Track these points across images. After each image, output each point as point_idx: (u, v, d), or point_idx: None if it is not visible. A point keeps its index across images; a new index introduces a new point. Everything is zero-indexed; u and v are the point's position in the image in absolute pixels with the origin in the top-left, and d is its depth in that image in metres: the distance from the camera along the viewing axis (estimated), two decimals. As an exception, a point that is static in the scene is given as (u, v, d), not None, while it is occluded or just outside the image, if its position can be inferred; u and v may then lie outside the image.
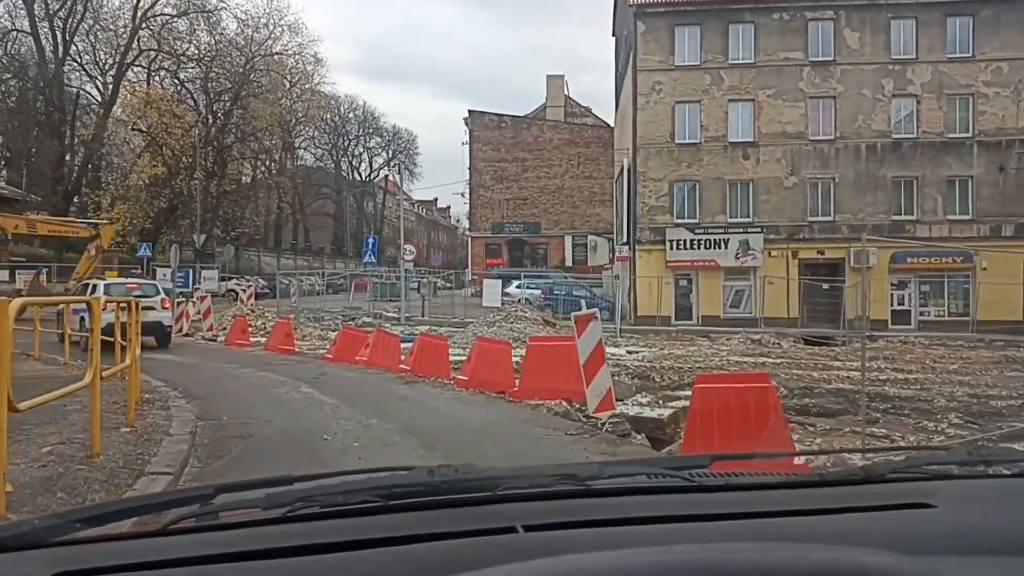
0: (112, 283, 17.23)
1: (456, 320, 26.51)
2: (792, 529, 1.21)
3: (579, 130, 47.26)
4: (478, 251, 47.20)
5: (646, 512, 1.23)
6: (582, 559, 0.93)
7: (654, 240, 27.82)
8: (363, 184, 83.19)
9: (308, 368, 13.29)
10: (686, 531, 1.18)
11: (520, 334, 21.27)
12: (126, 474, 5.19)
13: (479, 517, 1.20)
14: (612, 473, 1.40)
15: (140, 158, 44.33)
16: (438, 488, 1.27)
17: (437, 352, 13.03)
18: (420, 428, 7.59)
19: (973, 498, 1.34)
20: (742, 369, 16.74)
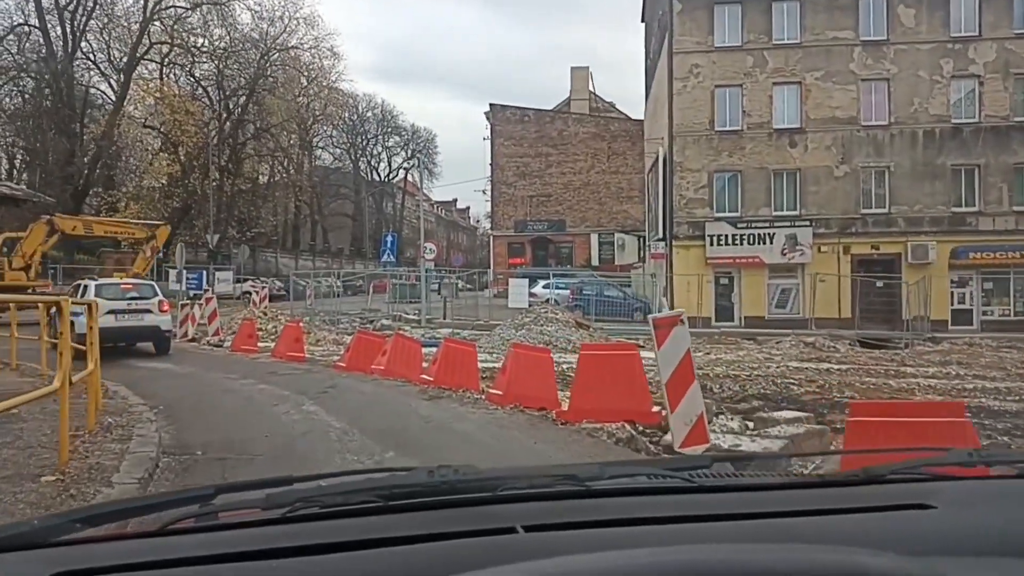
0: (105, 283, 15.63)
1: (480, 322, 24.72)
2: (792, 530, 1.20)
3: (605, 123, 45.31)
4: (500, 250, 45.43)
5: (646, 513, 1.23)
6: (582, 560, 0.93)
7: (692, 235, 25.85)
8: (382, 184, 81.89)
9: (317, 379, 11.55)
10: (686, 532, 1.17)
11: (551, 337, 19.45)
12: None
13: (479, 517, 1.19)
14: (612, 474, 1.40)
15: (156, 157, 43.11)
16: (438, 489, 1.27)
17: (464, 360, 11.24)
18: (450, 466, 5.78)
19: (973, 499, 1.34)
20: (806, 376, 14.81)
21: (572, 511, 1.23)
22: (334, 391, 10.12)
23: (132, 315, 14.95)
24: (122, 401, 8.71)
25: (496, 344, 19.00)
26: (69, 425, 6.18)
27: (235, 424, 7.69)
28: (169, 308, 15.71)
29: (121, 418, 7.41)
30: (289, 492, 1.27)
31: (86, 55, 40.25)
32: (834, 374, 15.67)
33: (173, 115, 41.46)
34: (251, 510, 1.25)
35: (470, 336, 22.36)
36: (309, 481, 1.38)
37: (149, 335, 15.33)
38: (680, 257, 25.79)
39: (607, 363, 7.89)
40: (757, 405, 11.51)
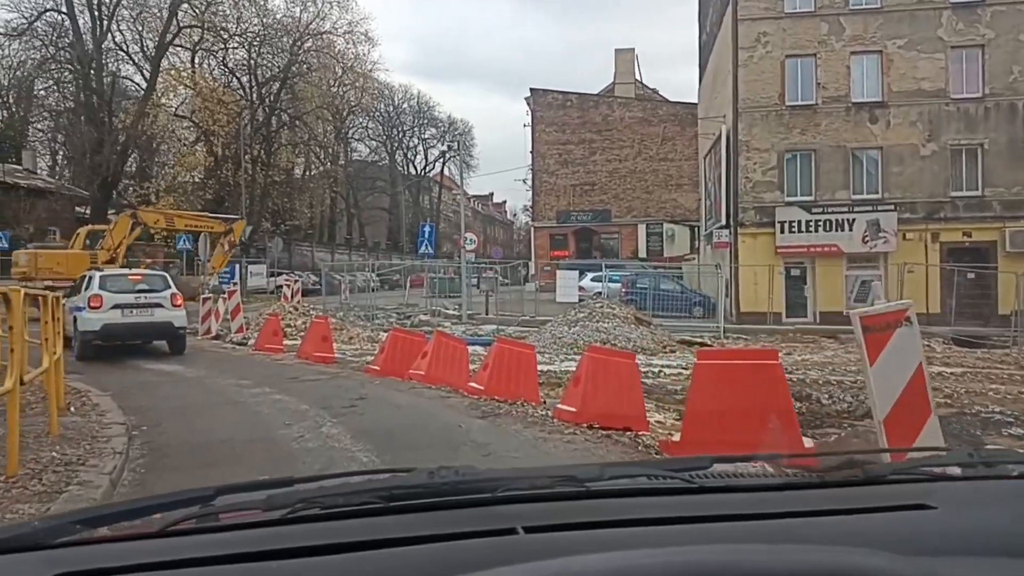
0: (110, 275, 13.92)
1: (526, 318, 22.66)
2: (792, 530, 1.20)
3: (653, 107, 42.81)
4: (542, 242, 43.29)
5: (647, 513, 1.23)
6: (582, 560, 0.93)
7: (760, 222, 23.40)
8: (418, 177, 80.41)
9: (344, 387, 9.61)
10: (687, 532, 1.17)
11: (608, 335, 17.30)
12: None
13: (479, 518, 1.19)
14: (612, 474, 1.40)
15: (191, 149, 41.97)
16: (439, 490, 1.27)
17: (521, 365, 9.21)
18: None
19: (973, 499, 1.35)
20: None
21: (572, 512, 1.23)
22: (364, 404, 8.15)
23: (141, 310, 13.22)
24: (96, 419, 6.84)
25: (547, 342, 16.95)
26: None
27: (227, 458, 5.73)
28: (183, 302, 13.94)
29: (76, 449, 5.51)
30: (290, 493, 1.26)
31: (119, 47, 39.23)
32: (950, 380, 13.27)
33: (204, 104, 40.19)
34: (252, 511, 1.23)
35: (515, 334, 20.33)
36: (310, 482, 1.38)
37: (160, 332, 13.60)
38: (746, 246, 23.38)
39: (733, 376, 5.72)
40: (860, 426, 9.28)
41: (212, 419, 7.43)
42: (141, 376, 10.98)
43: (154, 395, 8.83)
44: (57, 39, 35.39)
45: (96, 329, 12.71)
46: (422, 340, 11.46)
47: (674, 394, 11.17)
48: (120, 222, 24.46)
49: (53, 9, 34.88)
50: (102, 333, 12.76)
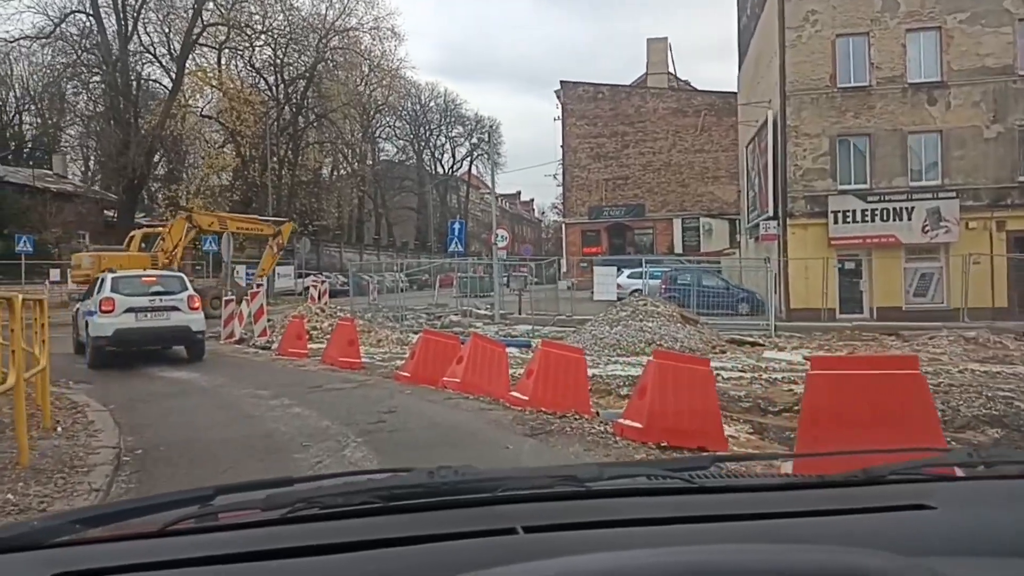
0: (123, 276, 13.07)
1: (562, 317, 21.53)
2: (792, 530, 1.19)
3: (687, 98, 41.35)
4: (573, 239, 42.11)
5: (646, 513, 1.23)
6: (582, 560, 0.93)
7: (811, 212, 21.97)
8: (446, 176, 79.73)
9: (371, 397, 8.59)
10: (686, 532, 1.17)
11: (654, 335, 16.12)
12: None
13: (479, 518, 1.19)
14: (612, 474, 1.39)
15: (220, 152, 41.54)
16: (438, 489, 1.26)
17: (569, 371, 8.12)
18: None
19: (973, 499, 1.35)
20: (1020, 387, 11.07)
21: (572, 512, 1.23)
22: (393, 419, 7.11)
23: (156, 314, 12.34)
24: (84, 443, 5.89)
25: (587, 343, 15.78)
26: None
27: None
28: (200, 304, 13.05)
29: (44, 486, 4.52)
30: (289, 493, 1.25)
31: (146, 48, 38.89)
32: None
33: (231, 104, 39.71)
34: (251, 511, 1.23)
35: (551, 334, 19.22)
36: (309, 482, 1.37)
37: (177, 337, 12.73)
38: (796, 238, 21.97)
39: (869, 388, 4.52)
40: (997, 436, 7.99)
41: (220, 441, 6.44)
42: (152, 386, 10.09)
43: (160, 409, 7.90)
44: (83, 40, 35.04)
45: (108, 335, 11.87)
46: (456, 343, 10.41)
47: (738, 401, 9.96)
48: (176, 224, 24.46)
49: (79, 11, 34.54)
50: (114, 339, 11.92)
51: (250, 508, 1.24)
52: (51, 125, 52.43)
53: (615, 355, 15.28)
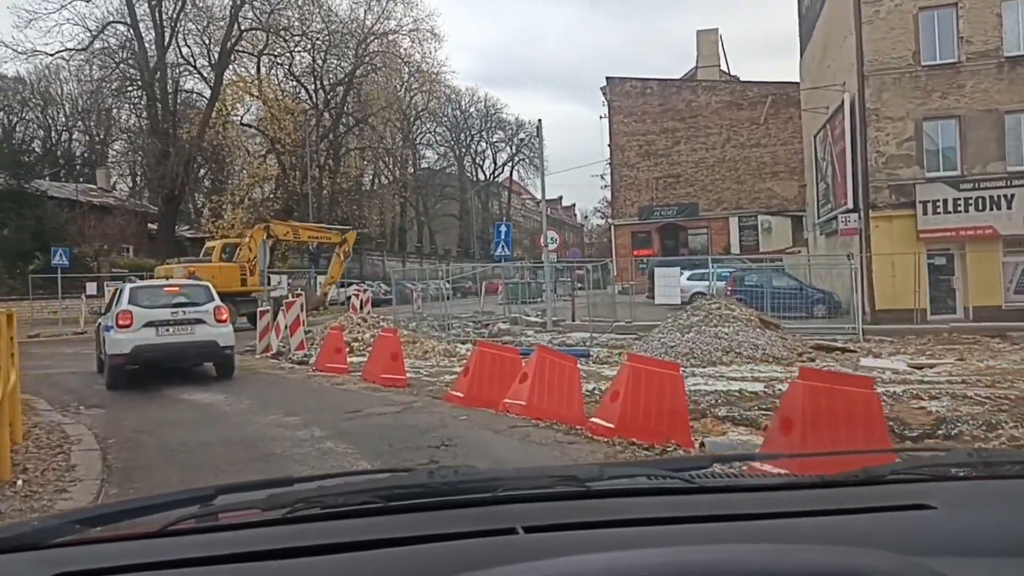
0: (142, 287, 11.82)
1: (621, 323, 19.81)
2: (792, 530, 1.20)
3: (741, 90, 39.21)
4: (623, 241, 40.27)
5: (646, 513, 1.23)
6: (582, 560, 0.92)
7: (896, 203, 19.87)
8: (487, 183, 78.66)
9: (419, 425, 7.08)
10: (686, 532, 1.17)
11: (731, 342, 14.39)
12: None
13: (479, 518, 1.19)
14: (612, 474, 1.40)
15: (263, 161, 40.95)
16: (438, 489, 1.27)
17: (664, 392, 6.52)
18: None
19: (973, 499, 1.34)
20: None
21: (572, 512, 1.23)
22: (448, 457, 5.58)
23: (179, 328, 11.07)
24: (46, 500, 4.47)
25: (656, 352, 14.08)
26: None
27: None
28: (228, 316, 11.73)
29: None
30: (290, 493, 1.25)
31: (186, 60, 38.51)
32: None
33: (271, 111, 39.08)
34: (252, 511, 1.23)
35: (611, 342, 17.57)
36: (310, 482, 1.37)
37: (203, 353, 11.43)
38: (880, 232, 19.88)
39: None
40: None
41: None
42: (168, 412, 8.75)
43: (164, 447, 6.51)
44: (121, 50, 34.69)
45: (125, 352, 10.62)
46: (516, 357, 8.85)
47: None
48: (255, 234, 24.55)
49: (117, 21, 34.21)
50: (132, 357, 10.66)
51: (250, 508, 1.23)
52: (98, 141, 52.88)
53: (689, 365, 13.56)
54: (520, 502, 1.25)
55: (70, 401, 9.71)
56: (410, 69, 47.47)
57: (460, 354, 15.97)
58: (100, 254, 30.29)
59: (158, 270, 25.45)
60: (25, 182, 30.94)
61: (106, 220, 32.39)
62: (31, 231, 28.73)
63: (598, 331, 18.88)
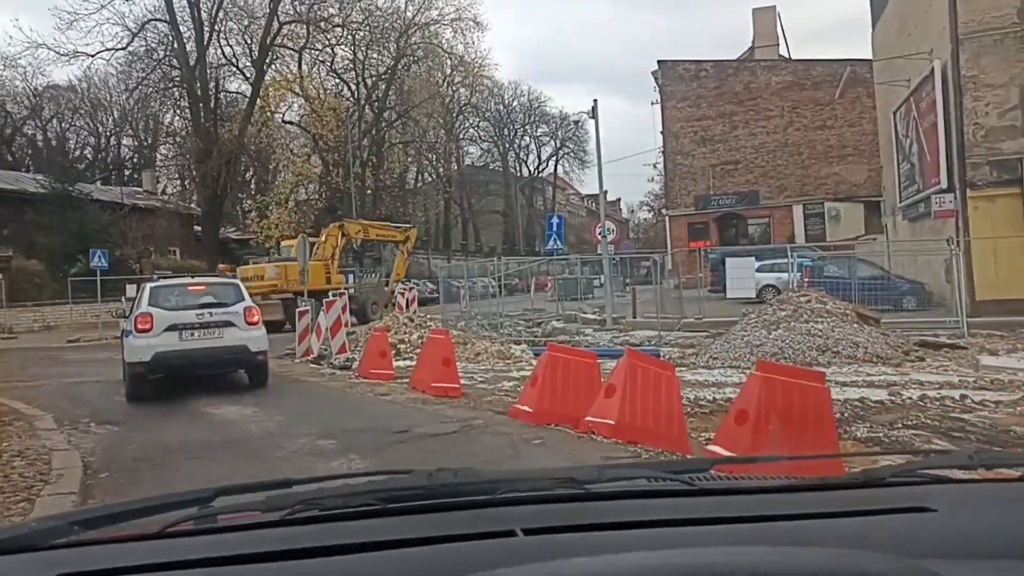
0: (164, 286, 10.59)
1: (689, 320, 18.09)
2: (792, 533, 1.18)
3: (804, 69, 36.83)
4: (678, 232, 38.29)
5: (646, 516, 1.22)
6: (581, 563, 0.92)
7: (998, 180, 17.70)
8: (531, 177, 77.25)
9: (484, 452, 5.68)
10: (686, 535, 1.16)
11: (827, 339, 12.60)
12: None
13: (478, 520, 1.18)
14: (612, 477, 1.39)
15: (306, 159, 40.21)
16: (437, 491, 1.26)
17: (807, 411, 4.92)
18: None
19: (973, 502, 1.34)
20: None
21: (571, 514, 1.22)
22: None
23: (205, 332, 9.84)
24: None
25: (741, 352, 12.46)
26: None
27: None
28: (260, 318, 10.46)
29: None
30: (289, 495, 1.25)
31: (228, 59, 37.94)
32: None
33: (311, 107, 38.27)
34: (251, 512, 1.22)
35: (680, 340, 15.91)
36: (309, 484, 1.37)
37: (233, 360, 10.17)
38: (980, 213, 17.73)
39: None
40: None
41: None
42: (186, 431, 7.48)
43: (167, 482, 5.19)
44: (160, 47, 34.24)
45: (146, 360, 9.43)
46: (594, 363, 7.30)
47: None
48: (331, 233, 24.98)
49: (156, 19, 33.67)
50: (153, 365, 9.46)
51: (250, 510, 1.23)
52: (146, 145, 53.11)
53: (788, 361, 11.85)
54: (519, 504, 1.25)
55: (82, 416, 8.55)
56: (452, 62, 46.29)
57: (515, 356, 14.52)
58: (143, 256, 29.73)
59: (243, 270, 25.27)
60: (69, 185, 30.58)
61: (148, 222, 31.89)
62: (74, 234, 28.28)
63: (665, 328, 17.20)
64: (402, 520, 1.18)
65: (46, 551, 1.09)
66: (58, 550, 1.10)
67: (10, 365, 15.13)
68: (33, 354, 17.25)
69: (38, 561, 1.05)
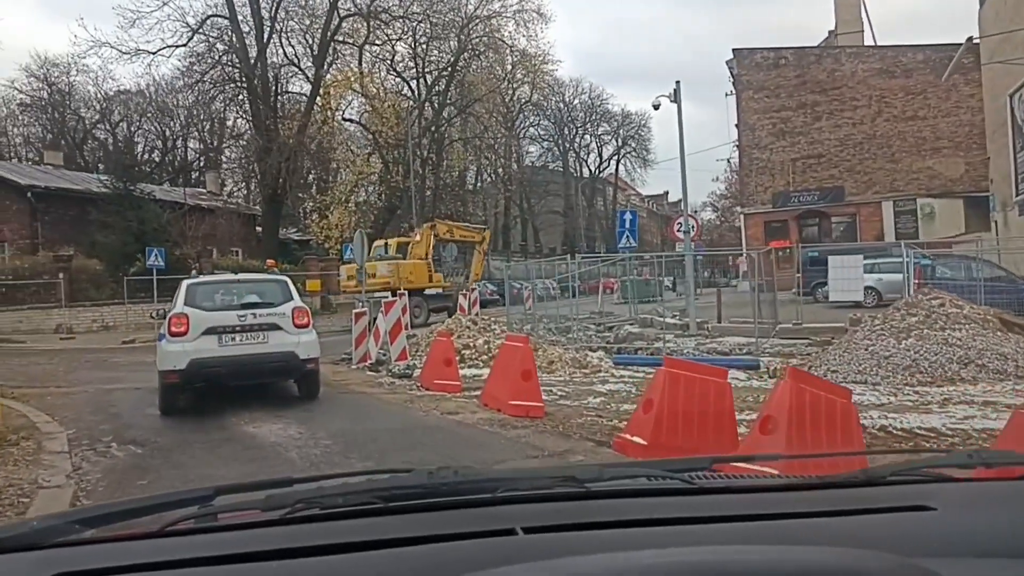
0: (202, 283, 9.33)
1: (787, 326, 16.11)
2: (792, 531, 1.19)
3: (894, 55, 34.06)
4: (754, 231, 35.96)
5: (646, 514, 1.22)
6: (581, 561, 0.92)
7: None
8: (592, 177, 75.52)
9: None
10: (686, 533, 1.16)
11: (968, 351, 10.66)
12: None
13: (479, 519, 1.18)
14: (612, 475, 1.38)
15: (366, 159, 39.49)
16: (438, 490, 1.25)
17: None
18: None
19: (973, 500, 1.34)
20: None
21: (572, 512, 1.22)
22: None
23: (248, 336, 8.57)
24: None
25: (867, 366, 10.57)
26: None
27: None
28: (310, 320, 9.12)
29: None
30: (289, 493, 1.24)
31: (290, 59, 37.46)
32: None
33: (371, 105, 37.45)
34: (251, 511, 1.22)
35: (779, 349, 14.03)
36: (309, 482, 1.36)
37: (279, 368, 8.86)
38: None
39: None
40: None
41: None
42: (213, 460, 6.16)
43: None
44: (220, 42, 33.84)
45: (180, 367, 8.20)
46: (724, 383, 5.65)
47: None
48: (425, 233, 25.40)
49: (217, 15, 33.27)
50: (188, 374, 8.23)
51: (250, 508, 1.23)
52: (211, 148, 53.54)
53: (918, 383, 10.00)
54: (520, 503, 1.25)
55: (105, 434, 7.35)
56: (513, 59, 44.92)
57: (592, 364, 12.93)
58: (202, 255, 29.19)
59: (348, 268, 25.28)
60: (131, 184, 30.34)
61: (210, 221, 31.45)
62: (133, 233, 27.92)
63: (761, 335, 15.28)
64: (402, 519, 1.17)
65: (47, 549, 1.08)
66: (58, 548, 1.09)
67: (57, 368, 14.34)
68: (84, 356, 16.51)
69: (39, 559, 1.05)
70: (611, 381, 10.84)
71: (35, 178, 31.50)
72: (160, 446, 6.76)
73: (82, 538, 1.13)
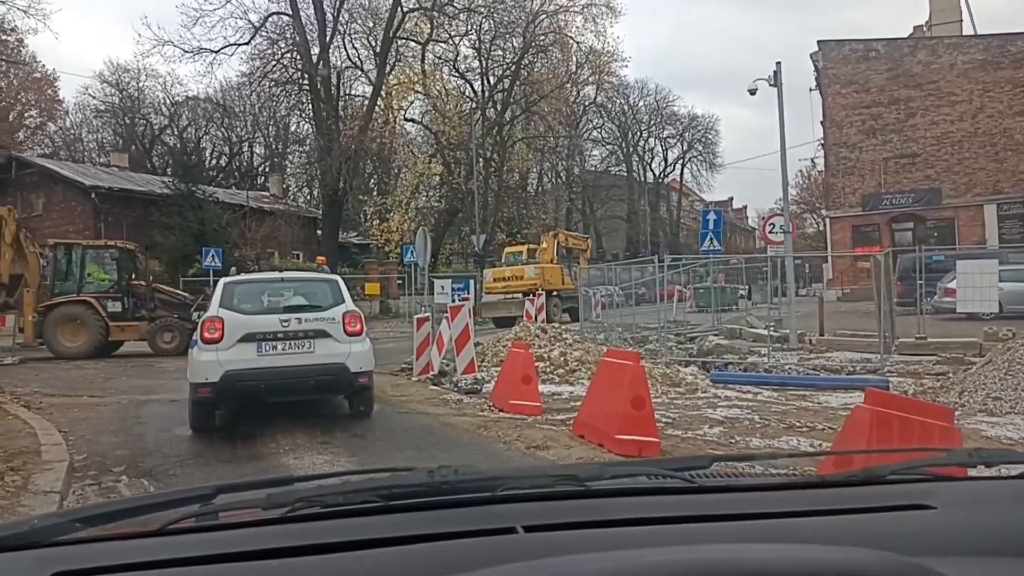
0: (241, 281, 7.97)
1: (909, 340, 13.96)
2: (792, 530, 1.18)
3: (1000, 45, 31.09)
4: (840, 236, 33.44)
5: (647, 513, 1.21)
6: (582, 560, 0.92)
7: None
8: (657, 181, 73.24)
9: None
10: (686, 532, 1.16)
11: None
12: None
13: (479, 518, 1.18)
14: (613, 474, 1.38)
15: (428, 161, 38.53)
16: (438, 488, 1.24)
17: None
18: None
19: (973, 499, 1.33)
20: None
21: (572, 511, 1.22)
22: None
23: (291, 344, 7.19)
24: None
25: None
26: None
27: None
28: (363, 326, 7.67)
29: None
30: (290, 492, 1.23)
31: (352, 61, 36.81)
32: None
33: (434, 105, 36.41)
34: (252, 510, 1.21)
35: (902, 367, 11.98)
36: (310, 481, 1.35)
37: (325, 383, 7.40)
38: None
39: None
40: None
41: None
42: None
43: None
44: (281, 39, 33.29)
45: (213, 380, 6.86)
46: (952, 427, 3.90)
47: None
48: (549, 240, 26.67)
49: (279, 12, 32.71)
50: (223, 388, 6.88)
51: (251, 507, 1.22)
52: (276, 152, 53.64)
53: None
54: (520, 501, 1.24)
55: (118, 461, 6.04)
56: (578, 59, 43.35)
57: (687, 382, 11.15)
58: (262, 257, 28.50)
59: (495, 272, 26.41)
60: (193, 185, 29.96)
61: (270, 223, 30.84)
62: (193, 234, 27.42)
63: (874, 351, 13.21)
64: (403, 517, 1.17)
65: (48, 548, 1.07)
66: (60, 547, 1.08)
67: (98, 374, 13.38)
68: (131, 360, 15.58)
69: (40, 558, 1.03)
70: (720, 404, 9.10)
71: (99, 179, 31.51)
72: (178, 482, 5.40)
73: (82, 536, 1.11)
